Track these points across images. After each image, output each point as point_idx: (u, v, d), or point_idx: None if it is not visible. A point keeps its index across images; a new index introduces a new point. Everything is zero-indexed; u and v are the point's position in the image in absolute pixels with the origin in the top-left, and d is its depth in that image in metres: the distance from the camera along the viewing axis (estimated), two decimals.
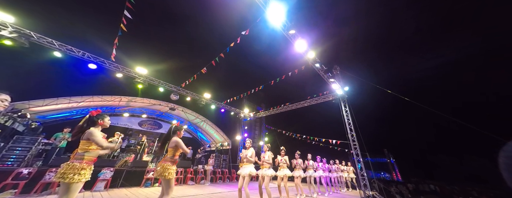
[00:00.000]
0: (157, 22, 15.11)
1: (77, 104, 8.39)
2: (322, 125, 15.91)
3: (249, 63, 17.70)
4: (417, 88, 25.01)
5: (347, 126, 7.01)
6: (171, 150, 2.50)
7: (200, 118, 12.67)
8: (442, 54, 22.99)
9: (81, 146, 1.98)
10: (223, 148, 13.08)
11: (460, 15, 18.06)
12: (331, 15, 19.23)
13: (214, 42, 14.56)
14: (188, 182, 7.20)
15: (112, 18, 5.10)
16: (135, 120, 12.27)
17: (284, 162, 4.62)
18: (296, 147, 5.96)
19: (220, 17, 15.29)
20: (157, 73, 8.53)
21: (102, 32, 9.29)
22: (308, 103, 9.78)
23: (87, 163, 1.97)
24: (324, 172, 6.19)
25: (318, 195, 5.54)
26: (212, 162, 8.27)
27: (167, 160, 2.44)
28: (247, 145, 3.95)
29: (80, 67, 6.76)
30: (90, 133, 2.00)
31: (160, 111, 12.22)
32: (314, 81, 9.52)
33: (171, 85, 8.74)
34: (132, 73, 7.48)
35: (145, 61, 9.14)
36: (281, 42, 5.83)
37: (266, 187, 3.84)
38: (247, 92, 10.08)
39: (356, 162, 6.30)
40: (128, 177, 5.80)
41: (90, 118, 2.09)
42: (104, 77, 7.82)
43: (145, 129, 12.47)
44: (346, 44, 22.67)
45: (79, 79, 8.11)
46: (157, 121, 13.28)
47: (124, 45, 6.13)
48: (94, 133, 2.00)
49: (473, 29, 18.53)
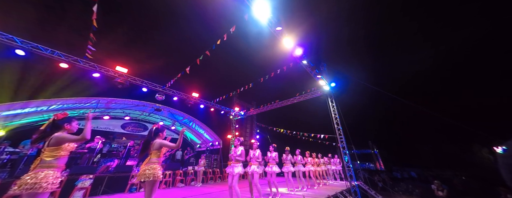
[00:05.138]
0: (138, 19, 14.23)
1: (47, 107, 7.64)
2: (312, 120, 16.36)
3: (237, 61, 17.50)
4: (398, 83, 26.80)
5: (334, 120, 7.27)
6: (156, 152, 2.37)
7: (189, 118, 12.31)
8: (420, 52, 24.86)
9: (48, 152, 1.78)
10: (214, 148, 12.89)
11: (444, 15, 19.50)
12: (317, 12, 19.64)
13: (200, 40, 14.13)
14: (178, 184, 6.98)
15: (87, 14, 4.64)
16: (117, 122, 11.54)
17: (274, 158, 4.67)
18: (287, 143, 6.05)
19: (205, 14, 14.83)
20: (140, 72, 8.06)
21: (75, 29, 8.50)
22: (297, 99, 9.95)
23: (58, 171, 1.81)
24: (313, 166, 6.39)
25: (307, 189, 5.70)
26: (203, 162, 8.10)
27: (151, 163, 2.31)
28: (236, 143, 3.93)
29: (50, 67, 6.14)
30: (59, 137, 1.81)
31: (145, 112, 11.63)
32: (302, 78, 9.68)
33: (156, 85, 8.32)
34: (111, 72, 6.97)
35: (125, 60, 8.56)
36: (269, 39, 5.81)
37: (256, 183, 3.85)
38: (237, 91, 9.98)
39: (342, 154, 6.58)
40: (111, 184, 5.45)
41: (54, 121, 1.88)
42: (79, 77, 7.18)
43: (129, 132, 11.79)
44: (332, 41, 23.43)
45: (49, 80, 7.36)
46: (141, 122, 12.62)
47: (101, 43, 5.67)
48: (64, 136, 1.82)
49: (452, 26, 20.17)
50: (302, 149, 6.34)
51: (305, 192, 5.28)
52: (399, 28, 23.41)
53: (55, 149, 1.79)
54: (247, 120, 17.42)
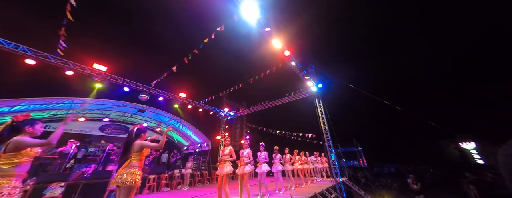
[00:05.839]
0: (119, 13, 13.29)
1: (8, 108, 6.79)
2: (300, 120, 16.81)
3: (227, 62, 17.31)
4: (378, 84, 28.74)
5: (321, 120, 7.52)
6: (136, 154, 2.20)
7: (176, 119, 11.83)
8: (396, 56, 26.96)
9: (5, 159, 1.57)
10: (202, 150, 12.55)
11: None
12: (305, 14, 20.27)
13: (188, 39, 13.67)
14: (163, 188, 6.65)
15: (61, 5, 4.19)
16: (94, 124, 10.66)
17: (264, 158, 4.68)
18: (276, 143, 6.11)
19: (194, 11, 14.41)
20: (121, 70, 7.54)
21: (46, 22, 7.69)
22: (286, 100, 10.11)
23: (17, 180, 1.59)
24: (301, 164, 6.53)
25: (295, 187, 5.81)
26: (190, 164, 7.82)
27: (130, 166, 2.13)
28: (225, 143, 3.88)
29: (14, 63, 5.46)
30: (18, 142, 1.60)
31: (127, 113, 10.92)
32: (291, 78, 9.87)
33: (139, 84, 7.85)
34: (87, 70, 6.41)
35: (105, 57, 7.96)
36: (258, 40, 5.84)
37: (246, 184, 3.82)
38: (227, 91, 9.84)
39: (328, 152, 6.83)
40: (87, 191, 5.00)
41: (13, 124, 1.67)
42: (49, 75, 6.49)
43: (108, 134, 10.97)
44: (320, 43, 24.37)
45: (12, 78, 6.55)
46: (123, 124, 11.83)
47: (76, 39, 5.19)
48: (24, 140, 1.62)
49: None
50: (291, 148, 6.46)
51: (292, 190, 5.37)
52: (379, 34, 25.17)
53: (13, 155, 1.59)
54: (237, 120, 17.28)
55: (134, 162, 2.17)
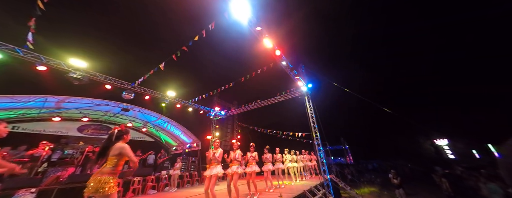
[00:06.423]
0: (102, 5, 12.38)
1: None
2: (291, 120, 17.12)
3: (218, 60, 17.02)
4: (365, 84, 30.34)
5: (311, 119, 7.70)
6: (114, 158, 1.96)
7: (164, 119, 11.36)
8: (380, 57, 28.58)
9: None
10: (191, 150, 12.22)
11: None
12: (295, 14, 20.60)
13: (178, 36, 13.17)
14: (149, 191, 6.36)
15: None
16: (72, 124, 9.86)
17: (253, 158, 4.66)
18: (268, 143, 6.14)
19: (184, 6, 13.91)
20: (103, 67, 7.05)
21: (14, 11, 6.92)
22: (277, 99, 10.19)
23: None
24: (291, 162, 6.64)
25: (285, 186, 5.90)
26: (178, 165, 7.57)
27: (104, 173, 1.90)
28: (215, 144, 3.80)
29: None
30: None
31: (109, 112, 10.26)
32: (282, 78, 9.98)
33: (123, 82, 7.39)
34: (63, 66, 5.88)
35: (84, 52, 7.37)
36: (249, 39, 5.78)
37: (235, 185, 3.78)
38: (218, 90, 9.67)
39: (317, 151, 7.03)
40: (62, 197, 4.61)
41: None
42: (17, 70, 5.86)
43: (88, 135, 10.22)
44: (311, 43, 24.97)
45: None
46: (104, 124, 11.09)
47: (50, 32, 4.72)
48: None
49: None
50: (281, 147, 6.53)
51: (282, 188, 5.44)
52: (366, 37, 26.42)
53: None
54: (228, 120, 17.09)
55: (108, 167, 1.93)
